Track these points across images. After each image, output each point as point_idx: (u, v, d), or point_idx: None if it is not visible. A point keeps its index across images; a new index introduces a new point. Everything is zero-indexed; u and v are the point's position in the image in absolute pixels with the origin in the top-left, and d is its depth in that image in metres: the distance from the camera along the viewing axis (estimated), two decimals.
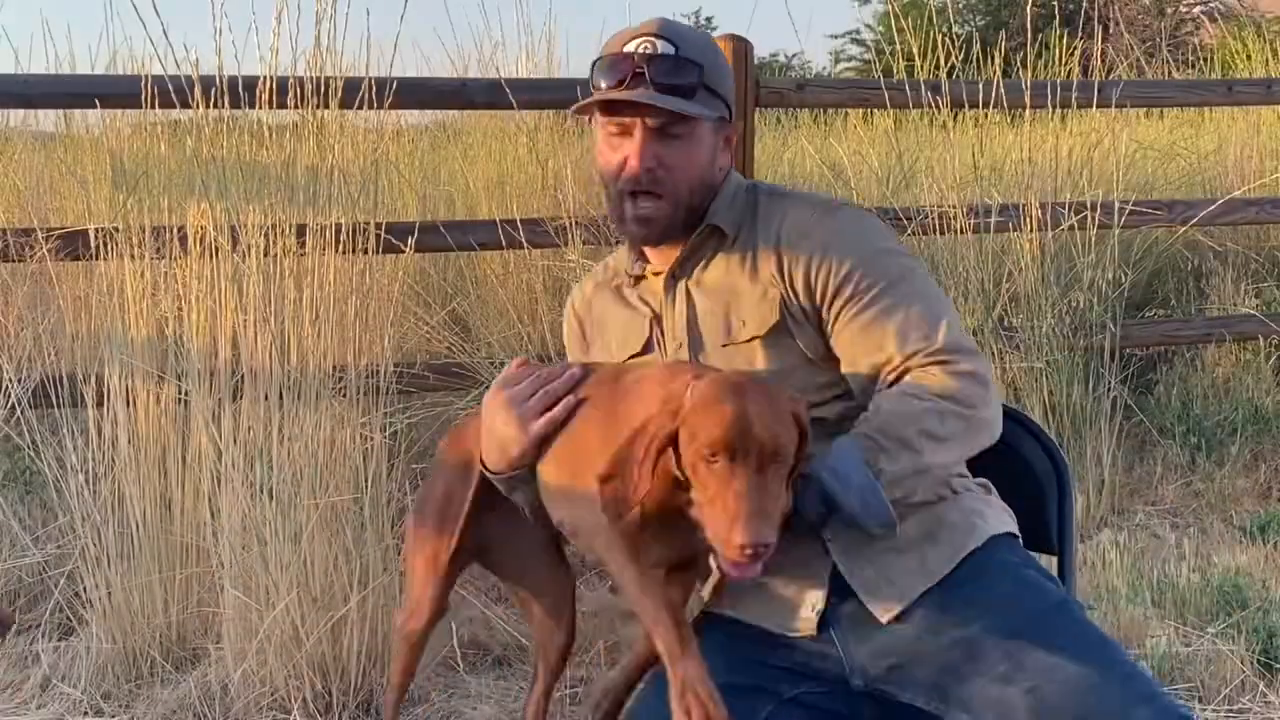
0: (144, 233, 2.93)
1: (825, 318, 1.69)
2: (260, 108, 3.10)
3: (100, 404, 2.89)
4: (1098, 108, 4.15)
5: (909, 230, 3.85)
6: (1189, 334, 4.47)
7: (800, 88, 4.21)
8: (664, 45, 1.71)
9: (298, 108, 3.08)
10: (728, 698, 1.45)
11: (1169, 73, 7.01)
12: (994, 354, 3.84)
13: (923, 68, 4.28)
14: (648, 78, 1.69)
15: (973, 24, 17.69)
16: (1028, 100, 4.03)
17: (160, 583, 2.83)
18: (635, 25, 1.76)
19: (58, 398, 3.06)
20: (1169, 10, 15.66)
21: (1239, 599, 3.04)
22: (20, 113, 4.90)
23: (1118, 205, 4.06)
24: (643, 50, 1.71)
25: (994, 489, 1.78)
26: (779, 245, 1.72)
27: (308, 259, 2.89)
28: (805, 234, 1.71)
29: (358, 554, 2.69)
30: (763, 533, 1.37)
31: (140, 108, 3.15)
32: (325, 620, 2.64)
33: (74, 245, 3.15)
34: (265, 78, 3.03)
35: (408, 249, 3.26)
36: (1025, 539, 1.77)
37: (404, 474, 3.15)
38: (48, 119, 4.88)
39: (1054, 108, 4.09)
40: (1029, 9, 4.38)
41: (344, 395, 2.85)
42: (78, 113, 4.40)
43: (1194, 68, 7.85)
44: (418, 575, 1.91)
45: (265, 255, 2.86)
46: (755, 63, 3.87)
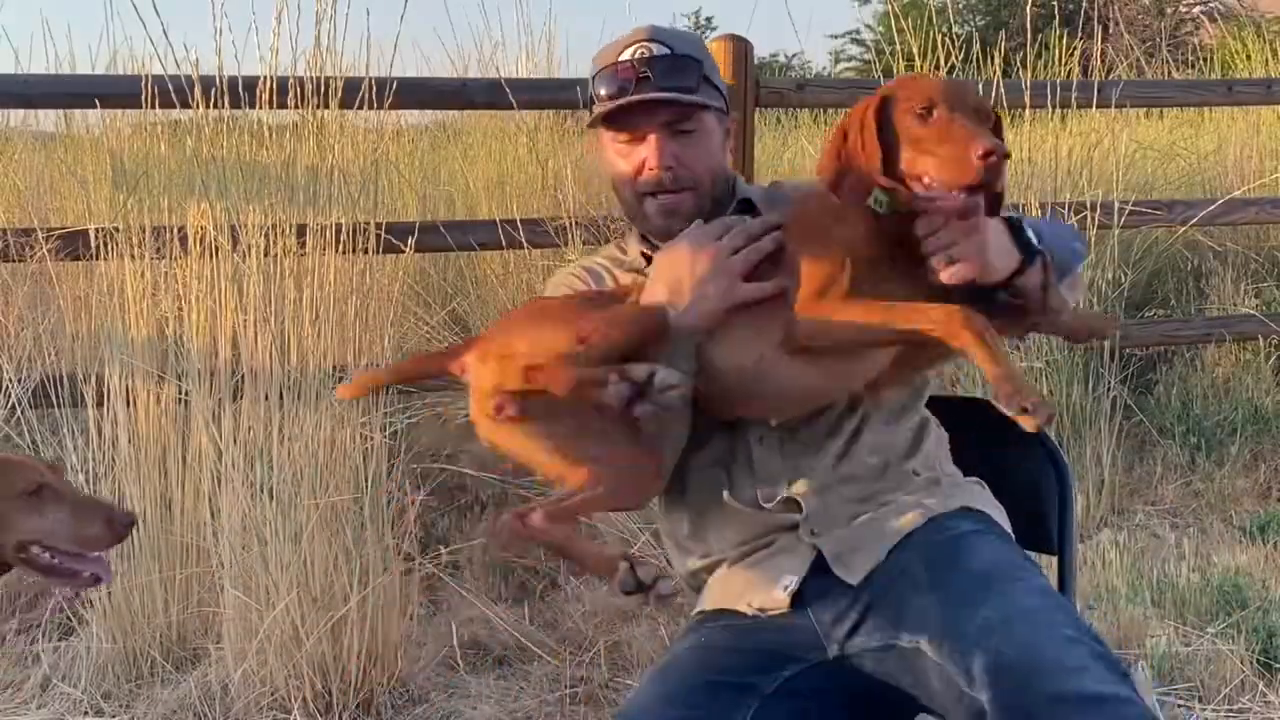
0: (144, 233, 2.93)
1: None
2: (260, 108, 3.10)
3: (100, 404, 2.89)
4: (1097, 108, 4.15)
5: None
6: (1189, 334, 4.47)
7: (800, 88, 4.21)
8: (659, 48, 1.74)
9: (298, 108, 3.08)
10: (711, 697, 1.49)
11: (1169, 73, 7.01)
12: None
13: (923, 68, 4.28)
14: (652, 80, 1.72)
15: (973, 24, 17.67)
16: (1028, 100, 4.03)
17: (160, 583, 2.83)
18: (623, 36, 1.79)
19: (58, 398, 3.06)
20: (1169, 10, 15.66)
21: (1239, 599, 3.04)
22: (20, 113, 4.91)
23: (1117, 205, 4.06)
24: (640, 55, 1.74)
25: (987, 487, 1.79)
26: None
27: (308, 259, 2.89)
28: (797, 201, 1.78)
29: (358, 554, 2.69)
30: (998, 142, 1.42)
31: (140, 108, 3.15)
32: (325, 620, 2.64)
33: (74, 245, 3.15)
34: (265, 78, 3.03)
35: (408, 249, 3.26)
36: (1025, 539, 1.77)
37: (404, 474, 3.15)
38: (48, 119, 4.89)
39: (1054, 108, 4.09)
40: (1029, 9, 4.38)
41: None
42: (78, 113, 4.40)
43: (1194, 68, 7.85)
44: None
45: (265, 255, 2.87)
46: (755, 63, 3.87)
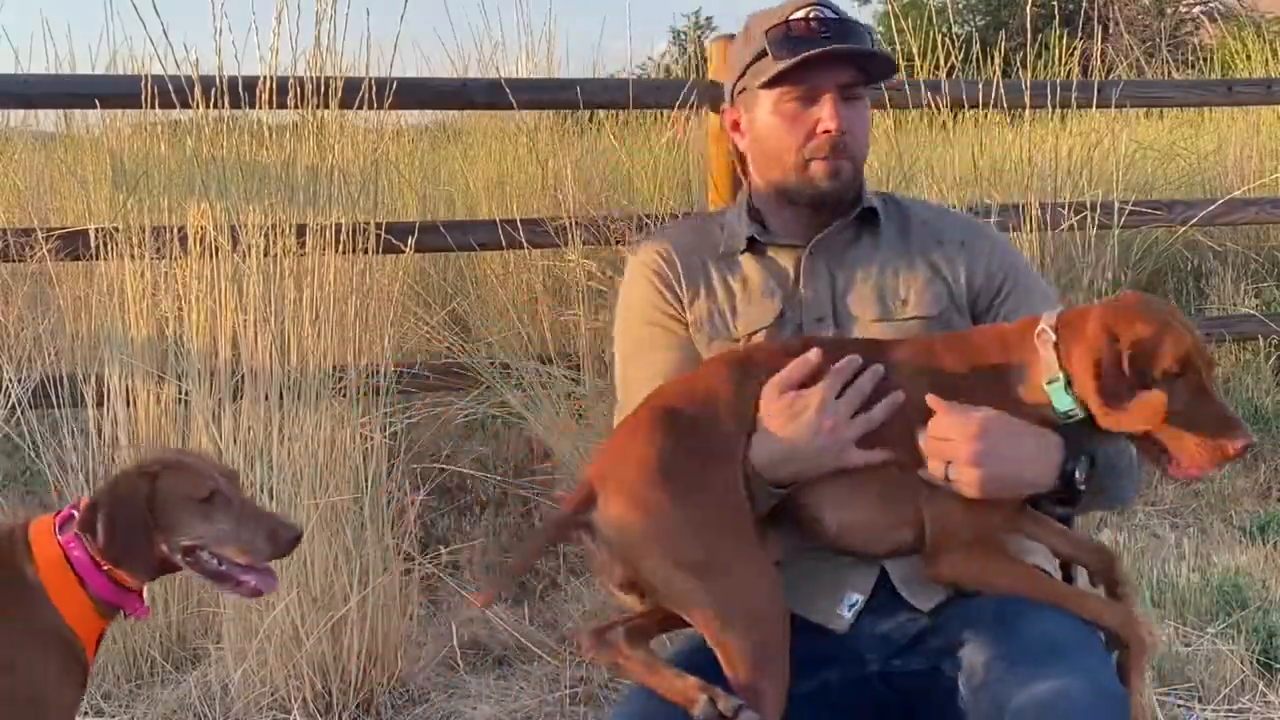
0: (144, 233, 2.93)
1: (982, 310, 1.78)
2: (260, 108, 3.10)
3: (100, 404, 2.89)
4: (1097, 108, 4.15)
5: None
6: None
7: None
8: (829, 11, 1.74)
9: (298, 108, 3.08)
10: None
11: (1169, 73, 7.01)
12: None
13: (922, 68, 4.29)
14: (830, 39, 1.71)
15: (972, 24, 17.69)
16: (1027, 100, 4.03)
17: (160, 582, 2.82)
18: (783, 4, 1.76)
19: (58, 398, 3.06)
20: (1169, 10, 15.67)
21: (1239, 599, 3.03)
22: (20, 113, 4.91)
23: (1117, 205, 4.06)
24: (814, 15, 1.72)
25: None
26: (942, 241, 1.80)
27: (308, 259, 2.89)
28: (973, 237, 1.81)
29: (358, 554, 2.69)
30: (1251, 434, 1.46)
31: (140, 108, 3.15)
32: (325, 620, 2.64)
33: (74, 245, 3.15)
34: (265, 78, 3.03)
35: (408, 249, 3.26)
36: None
37: (404, 474, 3.15)
38: (48, 119, 4.90)
39: (1054, 108, 4.09)
40: (1029, 9, 4.37)
41: (344, 395, 2.85)
42: (78, 113, 4.41)
43: (1194, 68, 7.86)
44: None
45: (265, 255, 2.86)
46: None
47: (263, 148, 3.09)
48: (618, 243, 3.64)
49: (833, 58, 1.71)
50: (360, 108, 3.12)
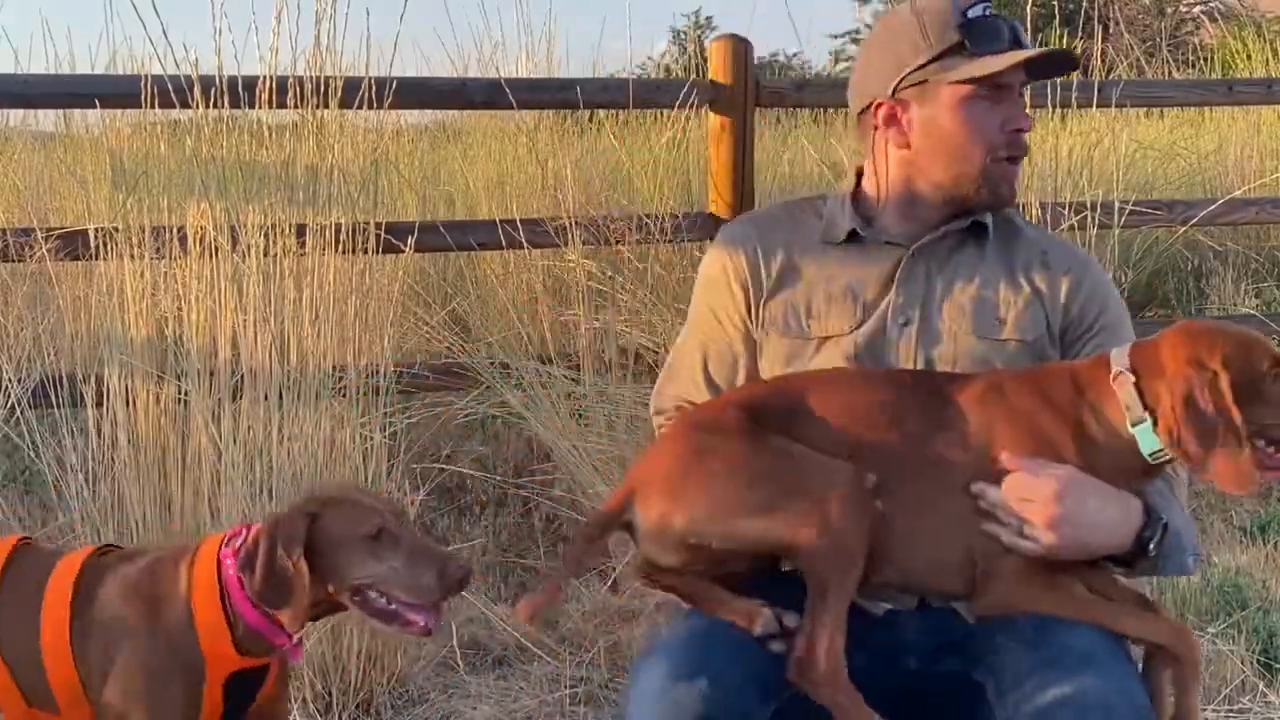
0: (144, 233, 2.92)
1: (1069, 342, 1.74)
2: (260, 108, 3.10)
3: (100, 404, 2.89)
4: (1098, 107, 4.15)
5: None
6: None
7: (800, 88, 4.21)
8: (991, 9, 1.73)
9: (297, 108, 3.08)
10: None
11: (1169, 73, 7.00)
12: None
13: None
14: (1018, 37, 1.72)
15: None
16: (1028, 100, 4.00)
17: None
18: None
19: (58, 398, 3.05)
20: (1169, 10, 15.67)
21: (1239, 599, 3.03)
22: (20, 113, 4.91)
23: (1118, 205, 4.06)
24: (989, 12, 1.71)
25: None
26: (1048, 267, 1.76)
27: (308, 259, 2.89)
28: (1080, 268, 1.77)
29: None
30: None
31: (140, 108, 3.14)
32: (325, 620, 2.64)
33: (74, 245, 3.15)
34: (265, 78, 3.03)
35: (408, 249, 3.26)
36: None
37: (404, 474, 3.15)
38: (48, 119, 4.89)
39: (1054, 107, 4.08)
40: (1029, 9, 4.37)
41: (344, 395, 2.85)
42: (78, 113, 4.40)
43: (1194, 68, 7.85)
44: None
45: (265, 255, 2.86)
46: (755, 63, 3.87)
47: (262, 147, 3.09)
48: (617, 243, 3.64)
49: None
50: (360, 107, 3.12)
